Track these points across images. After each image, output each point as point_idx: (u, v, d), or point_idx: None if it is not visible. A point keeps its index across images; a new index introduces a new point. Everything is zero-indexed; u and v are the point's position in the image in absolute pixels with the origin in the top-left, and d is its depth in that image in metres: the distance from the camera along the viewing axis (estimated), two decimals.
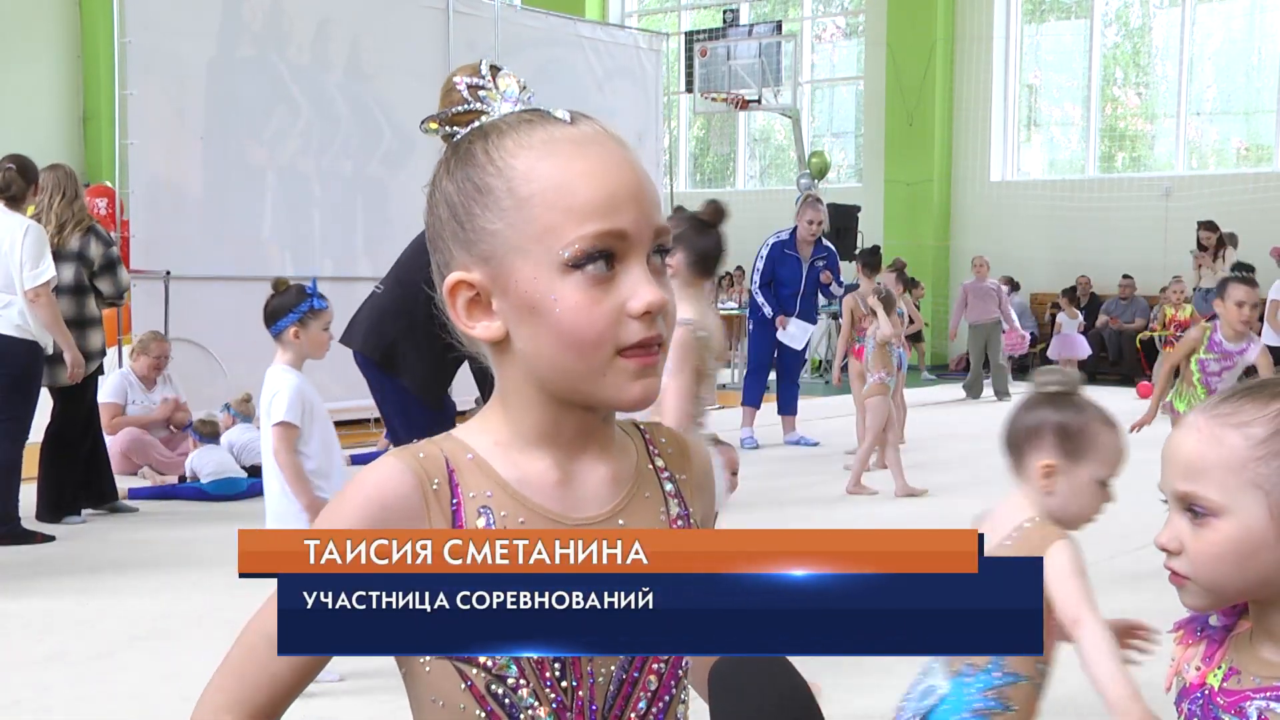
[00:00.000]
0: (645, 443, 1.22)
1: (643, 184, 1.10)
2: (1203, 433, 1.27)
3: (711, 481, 1.28)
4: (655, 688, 1.14)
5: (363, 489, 1.10)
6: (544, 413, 1.13)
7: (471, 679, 1.09)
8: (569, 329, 1.06)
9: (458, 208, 1.11)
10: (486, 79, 1.14)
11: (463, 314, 1.12)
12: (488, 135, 1.11)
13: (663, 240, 1.10)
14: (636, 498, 1.17)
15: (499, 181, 1.08)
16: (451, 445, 1.14)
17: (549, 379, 1.10)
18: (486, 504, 1.10)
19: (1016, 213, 17.16)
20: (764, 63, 15.48)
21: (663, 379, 1.12)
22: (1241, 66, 16.71)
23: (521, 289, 1.08)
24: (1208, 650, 1.37)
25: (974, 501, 6.37)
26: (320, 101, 9.87)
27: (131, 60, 8.72)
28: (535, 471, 1.13)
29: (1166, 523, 1.30)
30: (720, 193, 20.07)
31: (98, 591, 5.42)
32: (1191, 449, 1.28)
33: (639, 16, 21.26)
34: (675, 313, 1.11)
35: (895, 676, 2.70)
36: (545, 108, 1.13)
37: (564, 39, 11.61)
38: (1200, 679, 1.35)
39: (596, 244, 1.06)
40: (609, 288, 1.07)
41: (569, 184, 1.07)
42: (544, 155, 1.08)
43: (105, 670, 4.42)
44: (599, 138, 1.10)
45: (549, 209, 1.06)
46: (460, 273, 1.11)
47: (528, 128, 1.10)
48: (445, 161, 1.14)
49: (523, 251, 1.07)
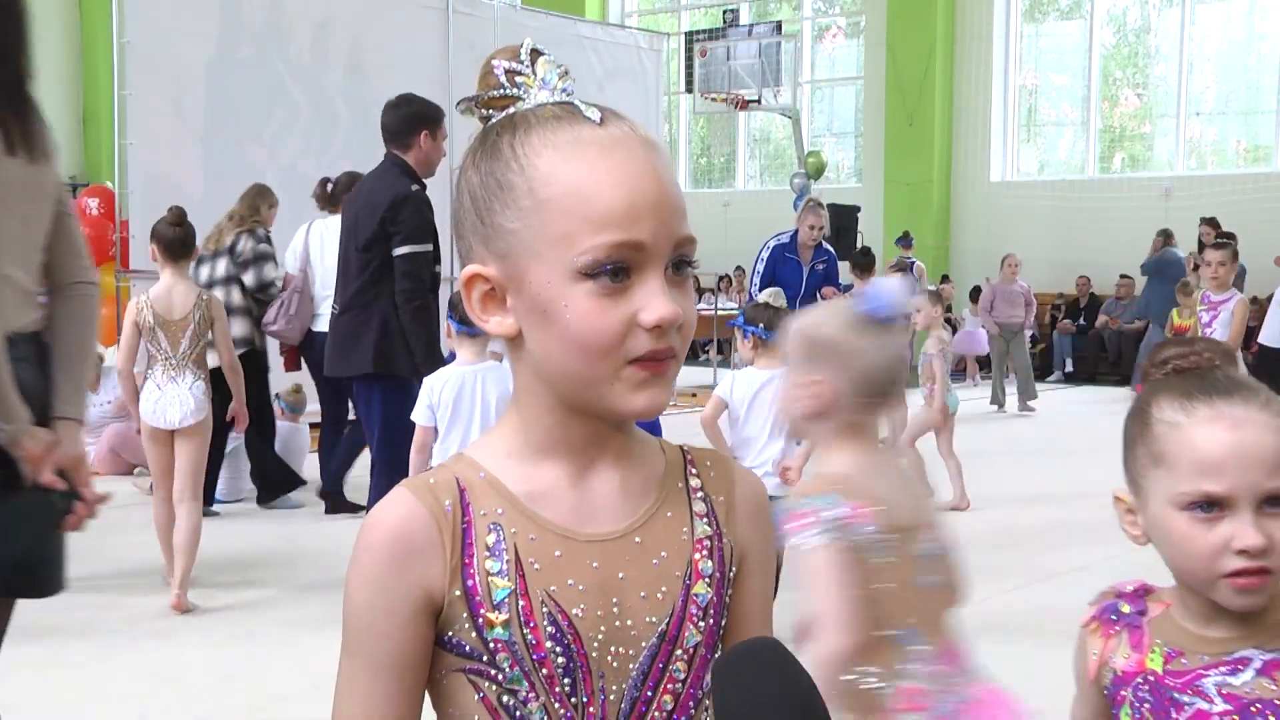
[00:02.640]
0: (685, 462, 1.20)
1: (666, 193, 1.07)
2: (1268, 426, 1.28)
3: (765, 514, 1.23)
4: (671, 708, 1.12)
5: (379, 528, 1.10)
6: (555, 417, 1.11)
7: (484, 691, 1.09)
8: (577, 336, 1.05)
9: (479, 201, 1.10)
10: (525, 64, 1.12)
11: (477, 306, 1.11)
12: (516, 128, 1.09)
13: (684, 251, 1.08)
14: (657, 516, 1.14)
15: (520, 180, 1.07)
16: (463, 466, 1.13)
17: (557, 382, 1.09)
18: (497, 520, 1.09)
19: (1016, 213, 17.15)
20: (764, 63, 15.47)
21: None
22: (1241, 67, 16.71)
23: (534, 291, 1.06)
24: (1132, 638, 1.38)
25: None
26: (320, 101, 9.86)
27: (131, 61, 8.71)
28: (546, 482, 1.12)
29: (1245, 524, 1.27)
30: (720, 193, 20.09)
31: (97, 591, 5.42)
32: (1273, 443, 1.27)
33: (639, 16, 21.26)
34: (693, 323, 1.09)
35: None
36: (577, 102, 1.10)
37: (564, 39, 11.60)
38: (1138, 665, 1.36)
39: (611, 254, 1.04)
40: (621, 298, 1.05)
41: (588, 190, 1.04)
42: (567, 157, 1.06)
43: (105, 670, 4.41)
44: (626, 142, 1.08)
45: (566, 215, 1.04)
46: (477, 266, 1.10)
47: (555, 125, 1.08)
48: (473, 150, 1.12)
49: (537, 254, 1.06)
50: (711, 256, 17.15)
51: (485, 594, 1.08)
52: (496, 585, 1.08)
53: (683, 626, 1.12)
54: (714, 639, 1.15)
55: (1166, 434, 1.32)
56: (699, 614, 1.13)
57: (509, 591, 1.08)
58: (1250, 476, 1.27)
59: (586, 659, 1.09)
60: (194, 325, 5.25)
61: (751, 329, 4.68)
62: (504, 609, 1.07)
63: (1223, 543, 1.27)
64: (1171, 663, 1.35)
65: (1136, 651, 1.37)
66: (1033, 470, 8.93)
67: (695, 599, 1.13)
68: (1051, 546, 6.48)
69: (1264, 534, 1.26)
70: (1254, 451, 1.28)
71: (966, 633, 2.16)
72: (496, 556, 1.08)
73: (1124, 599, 1.41)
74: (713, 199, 19.76)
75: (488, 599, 1.08)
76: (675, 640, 1.12)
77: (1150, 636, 1.37)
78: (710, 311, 15.00)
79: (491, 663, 1.08)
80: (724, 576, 1.16)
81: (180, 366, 5.18)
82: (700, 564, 1.14)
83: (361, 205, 5.23)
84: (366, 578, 1.09)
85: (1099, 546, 6.44)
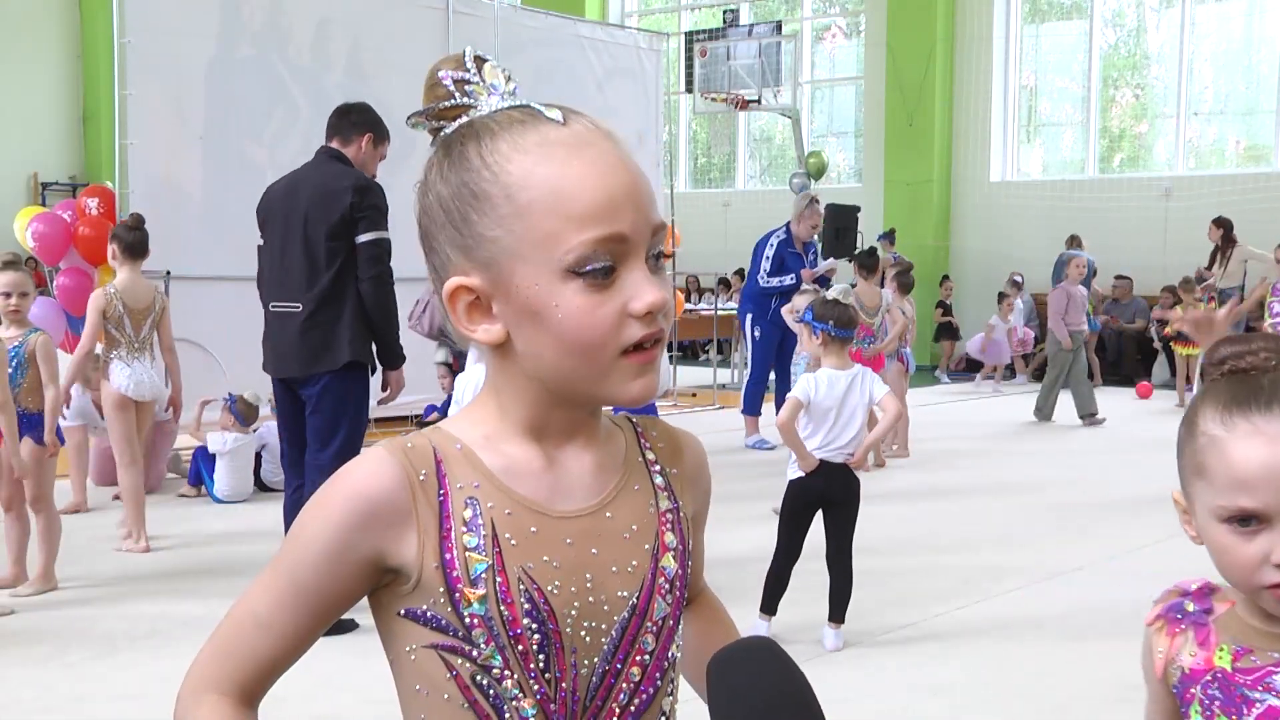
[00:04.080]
0: (637, 435, 1.22)
1: (638, 183, 1.09)
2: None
3: (705, 476, 1.28)
4: (639, 679, 1.14)
5: (348, 484, 1.10)
6: (536, 408, 1.13)
7: (457, 669, 1.09)
8: (572, 334, 1.06)
9: (454, 213, 1.10)
10: (472, 72, 1.13)
11: (463, 318, 1.11)
12: (480, 136, 1.09)
13: (660, 237, 1.10)
14: (625, 490, 1.17)
15: (495, 187, 1.07)
16: (440, 437, 1.14)
17: (549, 380, 1.10)
18: (474, 495, 1.10)
19: (1016, 213, 17.16)
20: (764, 63, 15.47)
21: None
22: (1240, 67, 16.71)
23: (523, 295, 1.07)
24: (1198, 636, 1.39)
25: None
26: (320, 101, 9.84)
27: (131, 60, 8.70)
28: (522, 459, 1.13)
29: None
30: (720, 193, 20.09)
31: (98, 591, 5.42)
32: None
33: (639, 16, 21.26)
34: (675, 307, 1.12)
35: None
36: (535, 104, 1.11)
37: (564, 39, 11.60)
38: (1206, 663, 1.37)
39: (597, 249, 1.05)
40: (611, 290, 1.06)
41: (566, 189, 1.06)
42: (540, 160, 1.07)
43: (105, 670, 4.42)
44: (593, 137, 1.09)
45: (548, 216, 1.05)
46: (460, 278, 1.10)
47: (520, 129, 1.09)
48: (437, 162, 1.12)
49: (523, 258, 1.07)
50: (711, 257, 17.16)
51: (463, 569, 1.08)
52: (474, 560, 1.08)
53: (652, 599, 1.15)
54: (679, 610, 1.18)
55: (1207, 446, 1.34)
56: (667, 586, 1.16)
57: (486, 566, 1.08)
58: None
59: (560, 635, 1.10)
60: (154, 314, 6.16)
61: (821, 325, 4.62)
62: (480, 584, 1.08)
63: (1261, 556, 1.29)
64: (1240, 660, 1.36)
65: (1204, 649, 1.38)
66: (1033, 470, 8.93)
67: (663, 571, 1.16)
68: (1055, 546, 6.48)
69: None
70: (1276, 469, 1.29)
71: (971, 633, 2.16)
72: (474, 531, 1.09)
73: (1189, 597, 1.42)
74: (713, 199, 19.76)
75: (465, 574, 1.08)
76: (645, 613, 1.14)
77: (1217, 634, 1.38)
78: (710, 311, 15.00)
79: (467, 638, 1.09)
80: (684, 549, 1.19)
81: (140, 349, 6.08)
82: (665, 537, 1.17)
83: (313, 196, 5.03)
84: (323, 522, 1.10)
85: (1099, 546, 6.45)
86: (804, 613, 4.83)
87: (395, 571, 1.10)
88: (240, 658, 1.13)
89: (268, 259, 5.21)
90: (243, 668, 1.13)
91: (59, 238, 9.19)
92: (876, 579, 5.49)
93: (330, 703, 3.97)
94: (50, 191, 19.89)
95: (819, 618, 4.71)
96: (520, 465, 1.13)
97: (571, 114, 1.11)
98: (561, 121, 1.09)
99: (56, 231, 9.20)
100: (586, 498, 1.14)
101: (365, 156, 5.26)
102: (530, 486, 1.12)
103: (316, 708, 3.89)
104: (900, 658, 4.60)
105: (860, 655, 4.63)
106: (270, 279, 5.17)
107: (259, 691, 1.15)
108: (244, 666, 1.13)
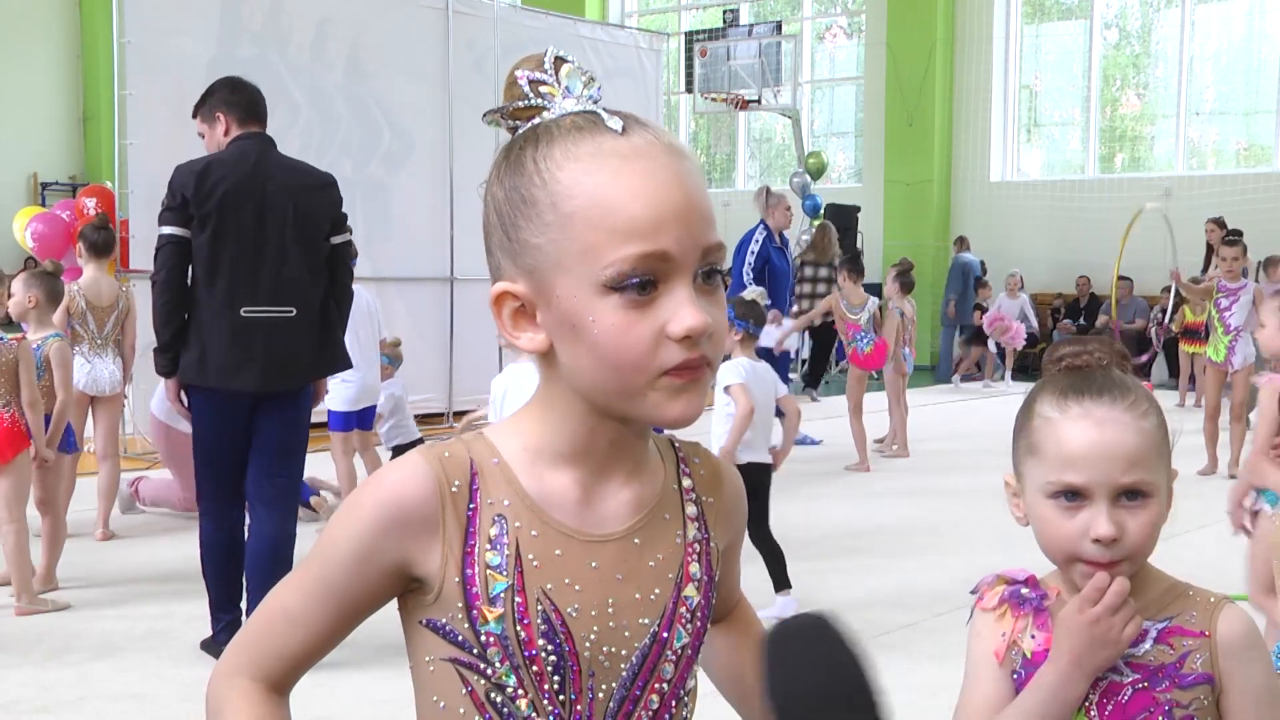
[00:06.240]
0: (677, 459, 1.20)
1: (692, 201, 1.06)
2: (1129, 426, 1.40)
3: (742, 511, 1.26)
4: (657, 707, 1.13)
5: (382, 487, 1.10)
6: (582, 423, 1.11)
7: (472, 684, 1.09)
8: (607, 350, 1.04)
9: (505, 217, 1.08)
10: (549, 72, 1.10)
11: (508, 323, 1.10)
12: (539, 141, 1.07)
13: (714, 259, 1.07)
14: (656, 518, 1.15)
15: (543, 194, 1.05)
16: (480, 447, 1.12)
17: (590, 394, 1.08)
18: (503, 512, 1.09)
19: (1016, 213, 17.16)
20: (764, 63, 15.47)
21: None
22: (1241, 67, 16.71)
23: (562, 306, 1.05)
24: (1038, 620, 1.46)
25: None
26: (320, 101, 9.86)
27: (131, 60, 8.71)
28: (558, 488, 1.11)
29: (1100, 515, 1.39)
30: (720, 193, 20.08)
31: (98, 591, 5.42)
32: (1131, 442, 1.40)
33: (639, 16, 21.25)
34: (725, 331, 1.08)
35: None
36: (602, 111, 1.09)
37: (564, 39, 11.59)
38: (1046, 644, 1.44)
39: (637, 266, 1.02)
40: (649, 309, 1.03)
41: (611, 202, 1.03)
42: (589, 169, 1.04)
43: (105, 670, 4.42)
44: (649, 150, 1.06)
45: (590, 228, 1.03)
46: (506, 284, 1.09)
47: (577, 136, 1.06)
48: (499, 165, 1.11)
49: (564, 269, 1.04)
50: None
51: (483, 587, 1.08)
52: (494, 579, 1.08)
53: (673, 628, 1.13)
54: (700, 640, 1.16)
55: (1041, 427, 1.44)
56: (688, 616, 1.15)
57: (505, 587, 1.08)
58: (1107, 470, 1.39)
59: (578, 657, 1.09)
60: (118, 311, 6.38)
61: (742, 324, 4.95)
62: (499, 604, 1.08)
63: (1081, 530, 1.40)
64: None
65: (1043, 631, 1.45)
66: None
67: (685, 601, 1.14)
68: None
69: (1116, 524, 1.38)
70: (1112, 448, 1.39)
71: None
72: (497, 550, 1.09)
73: (1023, 585, 1.49)
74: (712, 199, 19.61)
75: (484, 592, 1.08)
76: (666, 642, 1.13)
77: (1053, 620, 1.45)
78: None
79: (482, 656, 1.08)
80: (710, 579, 1.17)
81: (103, 346, 6.31)
82: (690, 567, 1.15)
83: (299, 191, 4.57)
84: (355, 523, 1.10)
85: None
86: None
87: (419, 580, 1.10)
88: (270, 650, 1.14)
89: (237, 254, 4.39)
90: (272, 660, 1.14)
91: (58, 238, 9.20)
92: (876, 578, 5.49)
93: (330, 703, 3.97)
94: (50, 191, 19.91)
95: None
96: (555, 494, 1.11)
97: (636, 124, 1.08)
98: (620, 131, 1.06)
99: (56, 231, 9.21)
100: (617, 523, 1.13)
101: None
102: (564, 512, 1.11)
103: (317, 708, 3.89)
104: (900, 658, 4.60)
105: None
106: (246, 280, 4.39)
107: (288, 683, 1.16)
108: (274, 659, 1.14)
